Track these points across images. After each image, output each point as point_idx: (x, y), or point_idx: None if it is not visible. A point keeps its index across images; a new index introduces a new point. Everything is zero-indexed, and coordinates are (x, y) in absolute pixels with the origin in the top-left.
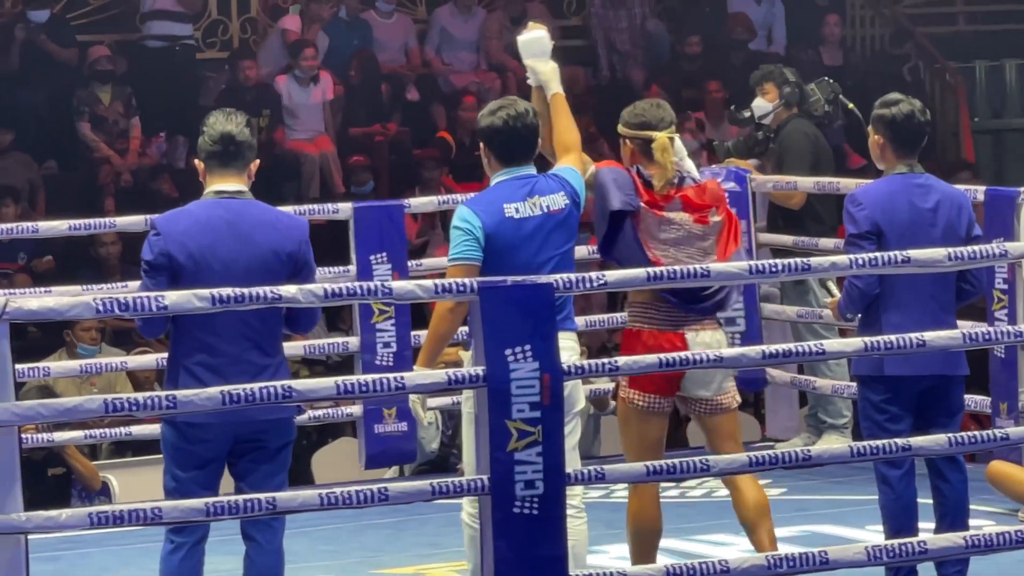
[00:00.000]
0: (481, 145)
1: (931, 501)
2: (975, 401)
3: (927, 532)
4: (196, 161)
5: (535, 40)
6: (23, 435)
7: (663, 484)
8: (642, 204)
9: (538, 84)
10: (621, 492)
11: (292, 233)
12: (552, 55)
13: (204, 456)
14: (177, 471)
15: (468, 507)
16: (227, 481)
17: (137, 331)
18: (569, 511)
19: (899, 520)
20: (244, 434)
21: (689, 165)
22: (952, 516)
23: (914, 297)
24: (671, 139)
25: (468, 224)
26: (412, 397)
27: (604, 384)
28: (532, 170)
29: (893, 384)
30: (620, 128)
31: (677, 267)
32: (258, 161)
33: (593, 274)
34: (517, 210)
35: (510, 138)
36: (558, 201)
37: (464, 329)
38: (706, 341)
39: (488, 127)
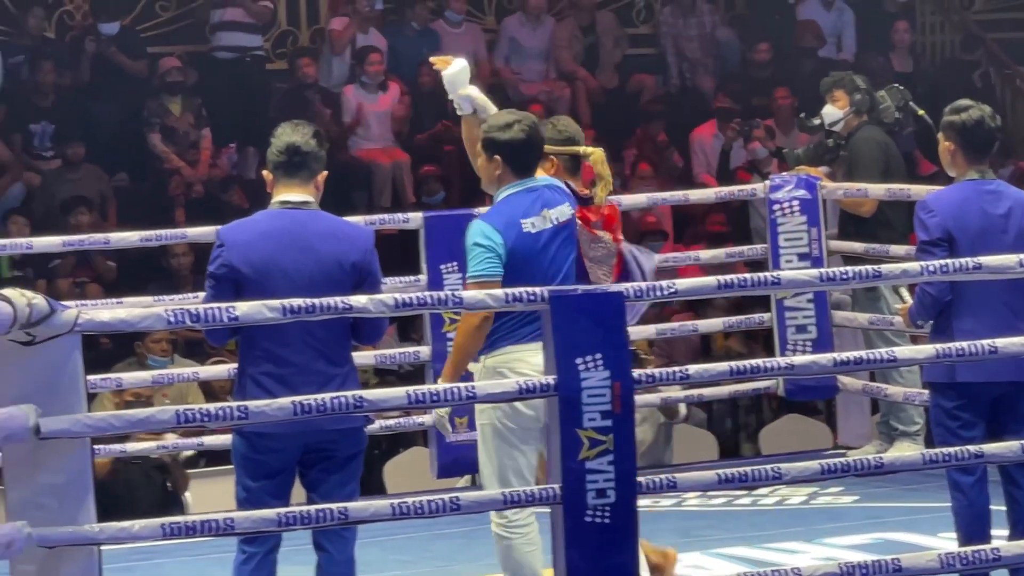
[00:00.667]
0: (495, 158)
1: (1004, 508)
2: None
3: (1000, 539)
4: (264, 172)
5: (462, 71)
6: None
7: (736, 492)
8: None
9: (471, 112)
10: (693, 500)
11: (356, 243)
12: (622, 62)
13: (274, 466)
14: (248, 481)
15: (496, 518)
16: (299, 491)
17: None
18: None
19: (972, 527)
20: (314, 444)
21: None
22: None
23: (986, 303)
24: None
25: (490, 241)
26: (438, 412)
27: (675, 393)
28: (536, 181)
29: (965, 391)
30: (545, 146)
31: (746, 275)
32: (326, 172)
33: (664, 282)
34: (533, 224)
35: (529, 150)
36: (565, 212)
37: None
38: None
39: (509, 141)
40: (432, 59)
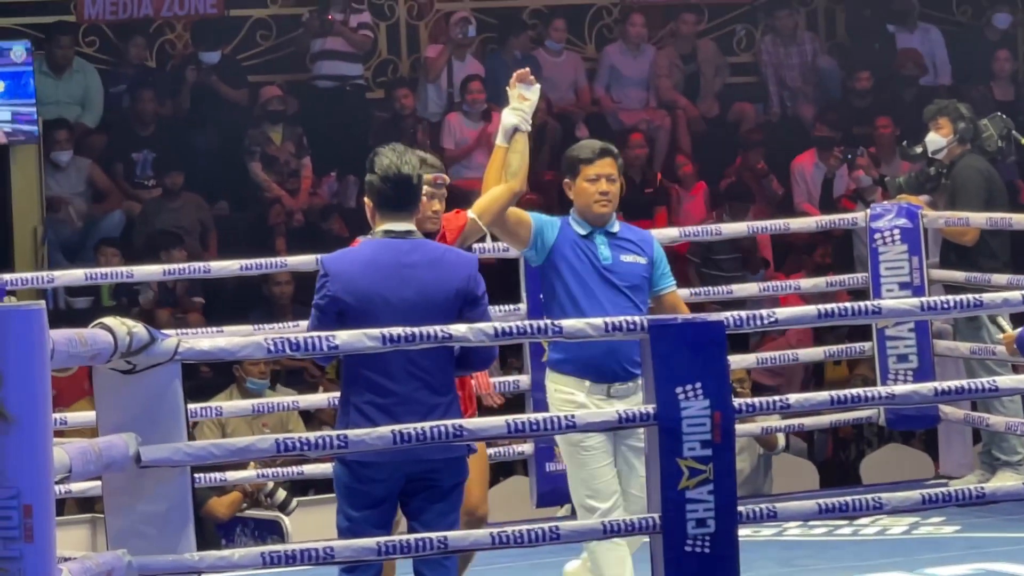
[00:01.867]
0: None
1: None
2: None
3: None
4: (366, 199)
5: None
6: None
7: (837, 521)
8: None
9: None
10: (793, 530)
11: (459, 270)
12: (722, 91)
13: (376, 495)
14: (350, 510)
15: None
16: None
17: (309, 371)
18: None
19: None
20: (416, 473)
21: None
22: None
23: None
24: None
25: None
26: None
27: (776, 422)
28: None
29: None
30: None
31: (847, 304)
32: (426, 199)
33: (764, 312)
34: None
35: None
36: None
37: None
38: None
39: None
40: (519, 72)
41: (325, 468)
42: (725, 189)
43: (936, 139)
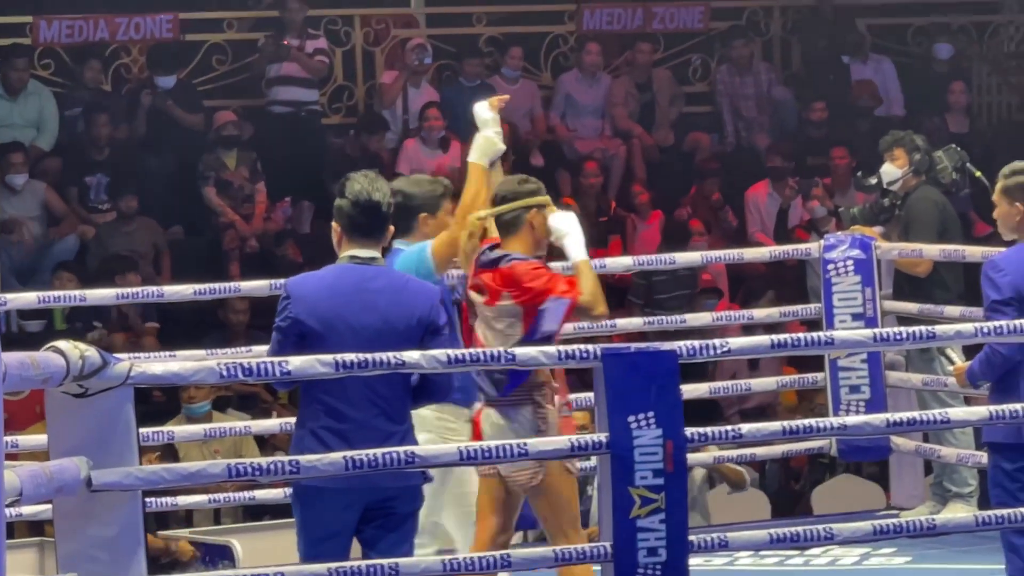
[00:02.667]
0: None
1: None
2: None
3: None
4: (334, 224)
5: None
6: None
7: (788, 551)
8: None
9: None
10: (745, 559)
11: (422, 299)
12: (677, 120)
13: (333, 523)
14: (308, 538)
15: None
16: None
17: (262, 396)
18: None
19: None
20: (372, 502)
21: (570, 243)
22: None
23: None
24: (483, 219)
25: None
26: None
27: (728, 452)
28: None
29: None
30: None
31: (800, 335)
32: (393, 227)
33: (717, 341)
34: None
35: None
36: None
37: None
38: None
39: None
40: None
41: (277, 494)
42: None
43: (891, 170)
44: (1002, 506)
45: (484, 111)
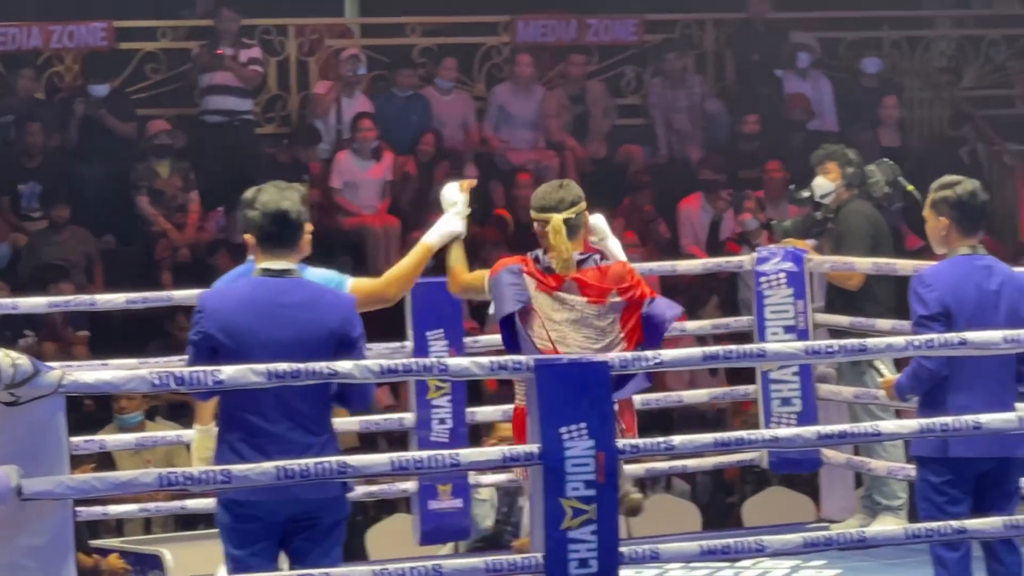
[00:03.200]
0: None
1: None
2: None
3: None
4: (247, 236)
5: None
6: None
7: (719, 563)
8: (533, 292)
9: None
10: (675, 571)
11: (335, 312)
12: (611, 132)
13: (256, 534)
14: (233, 550)
15: None
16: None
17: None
18: None
19: None
20: (296, 513)
21: (612, 244)
22: None
23: (981, 379)
24: (567, 220)
25: None
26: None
27: (660, 464)
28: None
29: (955, 466)
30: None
31: (732, 347)
32: (309, 236)
33: (649, 353)
34: None
35: None
36: None
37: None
38: None
39: None
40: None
41: (209, 503)
42: None
43: (824, 184)
44: (930, 519)
45: (453, 193)
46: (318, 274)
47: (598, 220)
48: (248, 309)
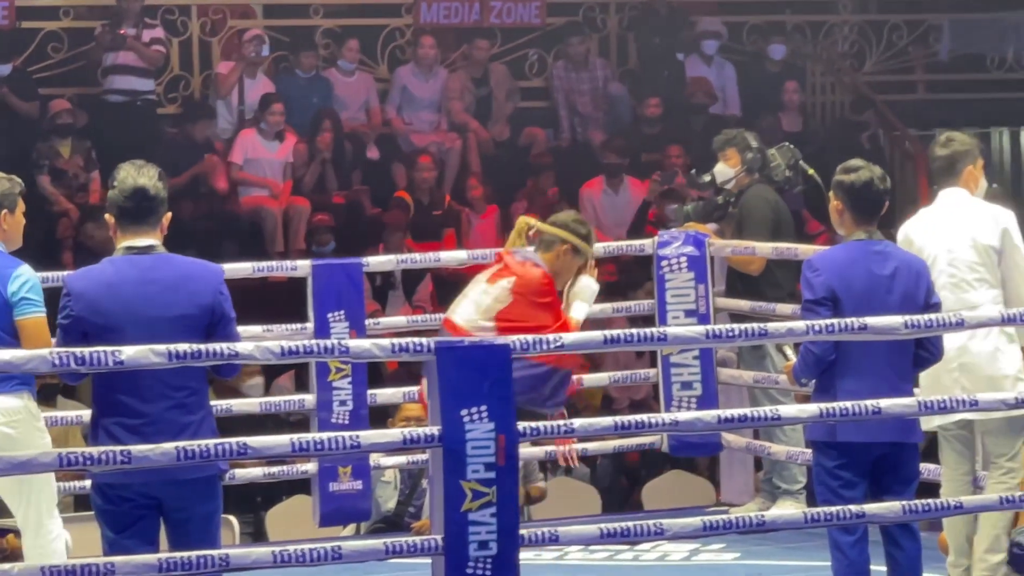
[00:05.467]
0: None
1: (884, 568)
2: (929, 470)
3: None
4: (107, 216)
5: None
6: None
7: (619, 546)
8: None
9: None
10: (575, 554)
11: (205, 286)
12: (513, 115)
13: (130, 516)
14: (108, 532)
15: None
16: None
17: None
18: None
19: None
20: (168, 494)
21: (578, 305)
22: None
23: (870, 364)
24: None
25: None
26: None
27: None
28: None
29: (846, 450)
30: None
31: (633, 331)
32: (170, 214)
33: (551, 336)
34: None
35: None
36: None
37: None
38: None
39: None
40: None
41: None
42: None
43: (724, 170)
44: (826, 503)
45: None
46: None
47: (587, 282)
48: (116, 290)
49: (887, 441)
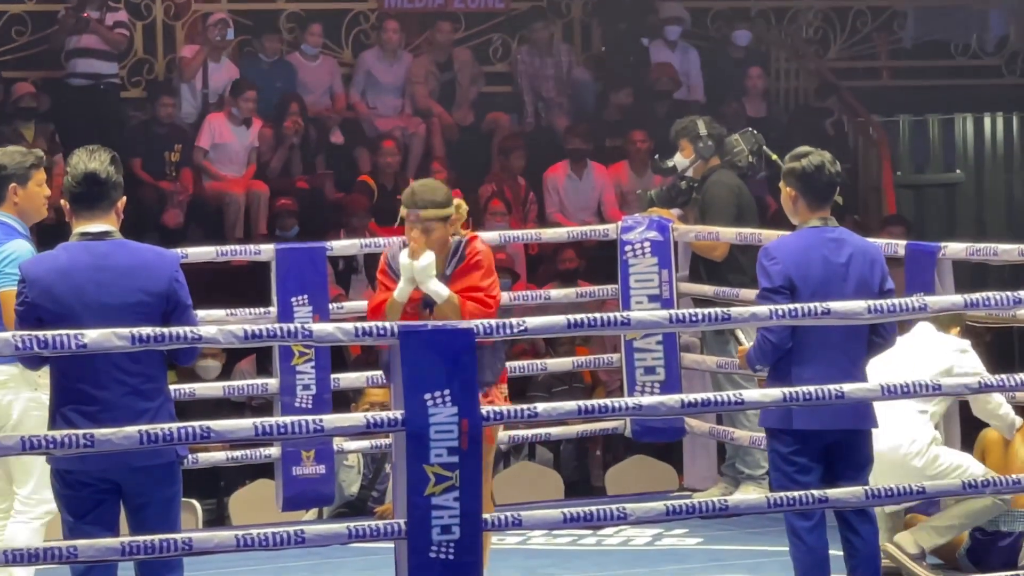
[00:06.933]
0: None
1: (841, 553)
2: None
3: None
4: (62, 201)
5: (429, 266)
6: None
7: (579, 531)
8: None
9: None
10: (538, 538)
11: (160, 272)
12: (478, 101)
13: (88, 501)
14: (68, 516)
15: None
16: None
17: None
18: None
19: (811, 572)
20: (126, 479)
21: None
22: (863, 569)
23: (825, 352)
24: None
25: None
26: None
27: (522, 431)
28: None
29: (801, 437)
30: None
31: (596, 315)
32: (124, 199)
33: (514, 320)
34: None
35: None
36: None
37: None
38: None
39: None
40: (409, 254)
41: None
42: None
43: (682, 160)
44: (781, 488)
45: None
46: None
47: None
48: (70, 276)
49: (841, 428)
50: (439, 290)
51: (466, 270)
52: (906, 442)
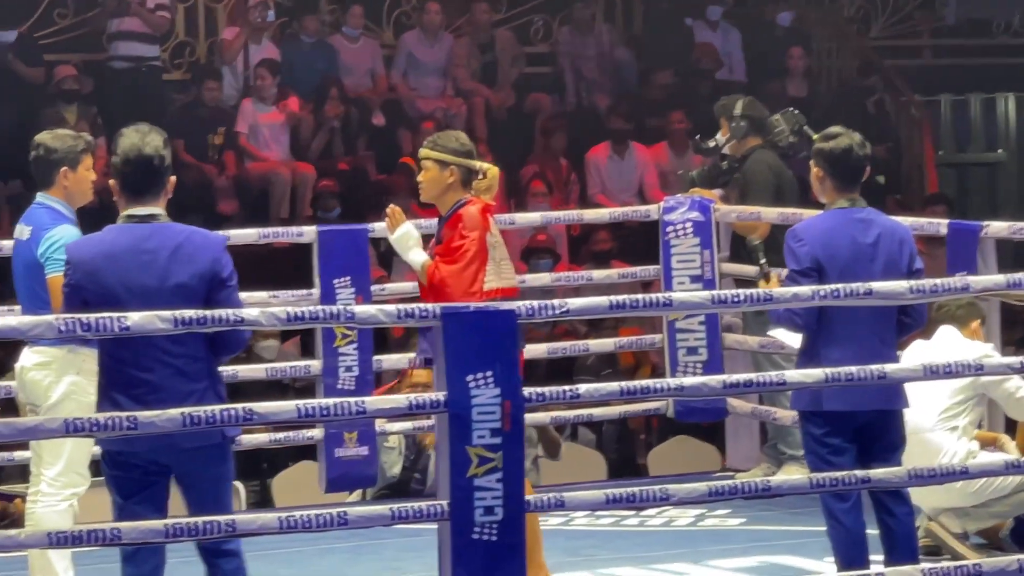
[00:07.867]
0: None
1: (878, 533)
2: None
3: (878, 564)
4: (111, 182)
5: (404, 235)
6: None
7: (624, 512)
8: None
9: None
10: (580, 519)
11: (203, 254)
12: (519, 81)
13: (137, 482)
14: (117, 498)
15: None
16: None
17: None
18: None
19: (850, 553)
20: (175, 461)
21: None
22: (901, 549)
23: (854, 332)
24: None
25: None
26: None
27: (565, 412)
28: None
29: (831, 419)
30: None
31: (639, 296)
32: (174, 178)
33: (556, 301)
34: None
35: None
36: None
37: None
38: None
39: None
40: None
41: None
42: None
43: (720, 139)
44: (816, 470)
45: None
46: None
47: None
48: (112, 258)
49: (871, 409)
50: (415, 258)
51: (448, 229)
52: (945, 461)
